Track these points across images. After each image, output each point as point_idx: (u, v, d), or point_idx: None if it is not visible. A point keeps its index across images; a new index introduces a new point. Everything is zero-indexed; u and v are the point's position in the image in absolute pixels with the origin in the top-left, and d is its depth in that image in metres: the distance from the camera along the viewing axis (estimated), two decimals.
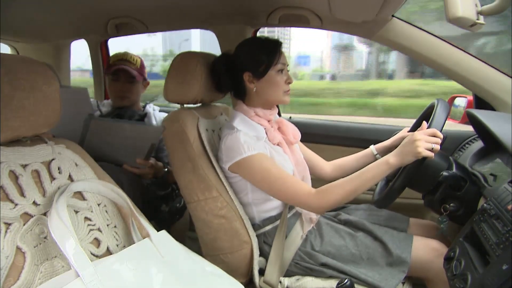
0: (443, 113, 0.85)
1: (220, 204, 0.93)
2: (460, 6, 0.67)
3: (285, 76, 0.96)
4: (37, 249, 0.58)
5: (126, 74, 1.34)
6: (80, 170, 0.71)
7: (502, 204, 0.67)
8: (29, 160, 0.63)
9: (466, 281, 0.64)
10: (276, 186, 0.87)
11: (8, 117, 0.57)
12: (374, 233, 0.94)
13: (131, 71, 1.34)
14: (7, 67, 0.57)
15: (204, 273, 0.69)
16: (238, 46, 0.98)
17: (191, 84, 0.98)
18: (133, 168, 1.15)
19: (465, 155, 1.07)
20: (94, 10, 1.35)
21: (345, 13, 1.14)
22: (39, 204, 0.61)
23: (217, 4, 1.24)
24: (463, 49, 1.10)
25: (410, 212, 1.14)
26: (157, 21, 1.47)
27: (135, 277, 0.59)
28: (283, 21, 1.31)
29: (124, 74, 1.34)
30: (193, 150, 0.94)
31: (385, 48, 5.68)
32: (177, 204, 1.33)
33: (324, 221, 1.01)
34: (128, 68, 1.34)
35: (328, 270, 0.90)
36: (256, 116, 0.97)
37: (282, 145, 0.99)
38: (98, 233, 0.66)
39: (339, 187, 0.84)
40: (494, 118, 0.88)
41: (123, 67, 1.34)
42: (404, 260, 0.87)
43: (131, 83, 1.36)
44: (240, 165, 0.89)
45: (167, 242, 0.69)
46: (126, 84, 1.35)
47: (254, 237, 0.95)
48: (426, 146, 0.77)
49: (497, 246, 0.62)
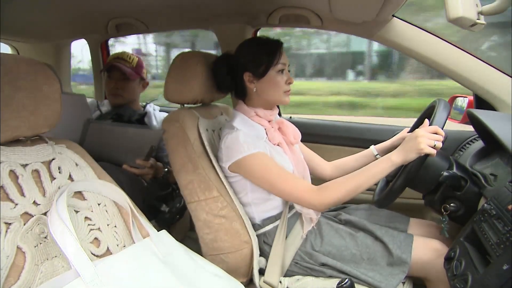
0: (444, 111, 0.85)
1: (221, 204, 0.93)
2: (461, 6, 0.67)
3: (285, 76, 0.96)
4: (37, 249, 0.58)
5: (118, 71, 1.36)
6: (81, 170, 0.71)
7: (503, 204, 0.67)
8: (29, 160, 0.63)
9: (467, 281, 0.64)
10: (277, 184, 0.87)
11: (9, 117, 0.57)
12: (374, 233, 0.94)
13: (124, 69, 1.35)
14: (7, 67, 0.57)
15: (204, 273, 0.69)
16: (238, 46, 0.98)
17: (191, 84, 0.98)
18: (133, 168, 1.15)
19: (466, 155, 1.07)
20: (95, 10, 1.35)
21: (346, 13, 1.14)
22: (39, 204, 0.61)
23: (218, 4, 1.24)
24: (464, 49, 1.10)
25: (410, 212, 1.14)
26: (158, 21, 1.47)
27: (135, 277, 0.59)
28: (283, 21, 1.30)
29: (116, 71, 1.36)
30: (193, 150, 0.94)
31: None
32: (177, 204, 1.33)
33: (325, 221, 1.01)
34: (120, 66, 1.35)
35: (328, 270, 0.90)
36: (256, 116, 0.97)
37: (282, 146, 0.99)
38: (98, 233, 0.66)
39: (340, 184, 0.84)
40: (495, 118, 0.88)
41: (116, 64, 1.35)
42: (405, 260, 0.87)
43: (124, 80, 1.37)
44: (240, 164, 0.89)
45: (167, 242, 0.69)
46: (119, 82, 1.36)
47: (254, 237, 0.95)
48: (428, 143, 0.77)
49: (497, 246, 0.62)
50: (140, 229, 0.71)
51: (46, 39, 1.79)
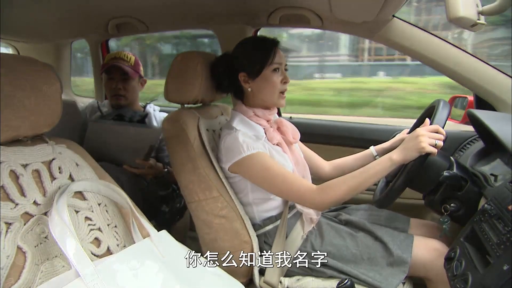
0: (445, 111, 0.85)
1: (221, 204, 0.93)
2: (461, 6, 0.67)
3: (281, 75, 0.95)
4: (38, 248, 0.58)
5: (119, 71, 1.35)
6: (81, 170, 0.71)
7: (503, 204, 0.67)
8: (29, 159, 0.63)
9: (467, 281, 0.64)
10: (276, 183, 0.87)
11: (9, 116, 0.57)
12: (374, 233, 0.93)
13: (124, 68, 1.35)
14: (7, 67, 0.57)
15: (204, 273, 0.69)
16: (236, 46, 0.98)
17: (191, 84, 0.98)
18: (133, 168, 1.15)
19: (466, 155, 1.07)
20: (95, 10, 1.35)
21: (346, 13, 1.14)
22: (39, 204, 0.61)
23: (218, 4, 1.24)
24: (464, 49, 1.10)
25: (410, 212, 1.14)
26: (158, 21, 1.47)
27: (135, 277, 0.59)
28: (283, 21, 1.30)
29: (117, 71, 1.36)
30: (194, 150, 0.94)
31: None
32: (177, 204, 1.33)
33: (325, 221, 1.01)
34: (120, 65, 1.35)
35: (329, 270, 0.90)
36: (255, 116, 0.97)
37: (282, 145, 0.99)
38: (99, 233, 0.66)
39: (341, 184, 0.83)
40: (495, 118, 0.88)
41: (116, 64, 1.35)
42: (405, 260, 0.87)
43: (125, 80, 1.36)
44: (240, 165, 0.89)
45: (168, 242, 0.69)
46: (120, 82, 1.36)
47: (255, 237, 0.95)
48: (429, 141, 0.77)
49: (497, 247, 0.62)
50: (140, 229, 0.71)
51: (46, 39, 1.79)
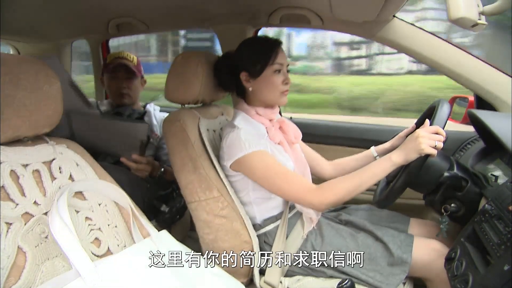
0: (445, 111, 0.85)
1: (221, 204, 0.93)
2: (462, 6, 0.67)
3: (282, 76, 0.95)
4: (38, 248, 0.58)
5: (125, 70, 1.36)
6: (81, 170, 0.71)
7: (504, 204, 0.67)
8: (30, 160, 0.63)
9: (467, 281, 0.64)
10: (277, 182, 0.87)
11: (9, 116, 0.57)
12: (375, 234, 0.93)
13: (130, 66, 1.36)
14: (8, 67, 0.57)
15: (204, 273, 0.69)
16: (238, 46, 0.98)
17: (192, 84, 0.98)
18: (130, 162, 1.13)
19: (466, 155, 1.07)
20: (95, 10, 1.36)
21: (346, 13, 1.14)
22: (40, 204, 0.61)
23: (218, 4, 1.24)
24: (464, 49, 1.10)
25: (411, 212, 1.13)
26: (158, 21, 1.47)
27: (135, 277, 0.59)
28: (284, 21, 1.30)
29: (123, 70, 1.36)
30: (194, 150, 0.94)
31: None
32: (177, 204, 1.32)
33: (325, 221, 1.01)
34: (127, 63, 1.36)
35: (329, 270, 0.90)
36: (257, 115, 0.97)
37: (283, 145, 0.99)
38: (99, 233, 0.66)
39: (340, 184, 0.83)
40: (495, 118, 0.88)
41: (122, 62, 1.36)
42: (405, 260, 0.87)
43: (130, 78, 1.37)
44: (242, 162, 0.89)
45: (168, 242, 0.69)
46: (124, 81, 1.37)
47: (255, 237, 0.95)
48: (429, 143, 0.77)
49: (498, 247, 0.62)
50: (140, 229, 0.71)
51: (46, 39, 1.79)
